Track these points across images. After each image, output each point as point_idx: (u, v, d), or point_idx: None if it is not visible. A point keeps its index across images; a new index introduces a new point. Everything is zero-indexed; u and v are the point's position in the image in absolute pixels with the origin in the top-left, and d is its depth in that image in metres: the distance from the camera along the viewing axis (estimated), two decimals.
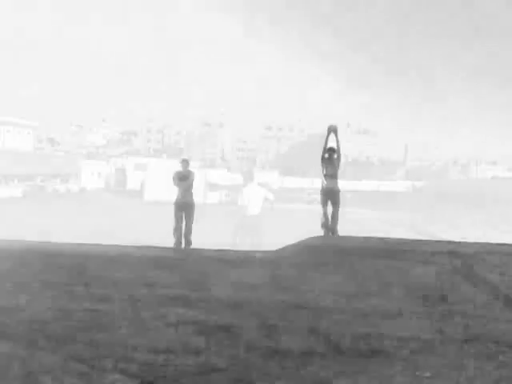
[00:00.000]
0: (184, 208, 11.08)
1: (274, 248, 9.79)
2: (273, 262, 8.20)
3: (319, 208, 11.13)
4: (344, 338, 4.49)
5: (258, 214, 42.57)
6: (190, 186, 11.32)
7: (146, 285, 6.33)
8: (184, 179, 11.21)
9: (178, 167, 11.44)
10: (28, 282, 6.35)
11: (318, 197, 11.26)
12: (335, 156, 11.00)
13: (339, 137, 11.11)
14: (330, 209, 11.03)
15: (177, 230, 11.02)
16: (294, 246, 9.43)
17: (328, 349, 4.28)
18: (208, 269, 7.57)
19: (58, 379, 3.54)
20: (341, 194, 11.07)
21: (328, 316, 5.14)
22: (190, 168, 11.75)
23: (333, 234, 10.71)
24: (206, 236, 16.55)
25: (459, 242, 9.39)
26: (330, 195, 10.92)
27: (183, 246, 10.92)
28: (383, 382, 3.65)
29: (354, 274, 7.08)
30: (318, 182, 11.81)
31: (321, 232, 10.85)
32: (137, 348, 4.16)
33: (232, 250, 9.62)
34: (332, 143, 11.05)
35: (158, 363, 3.90)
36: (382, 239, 9.68)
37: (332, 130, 10.97)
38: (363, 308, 5.41)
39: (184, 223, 11.07)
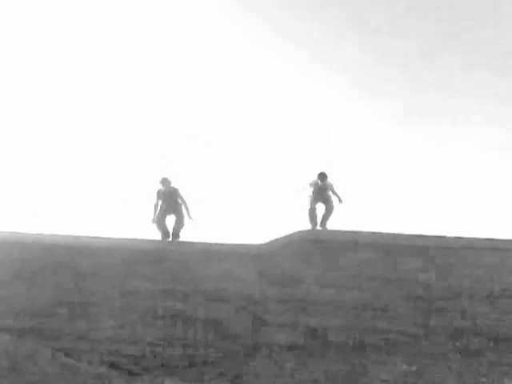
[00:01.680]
0: (170, 199, 10.26)
1: (262, 241, 9.82)
2: (261, 255, 8.22)
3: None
4: (330, 332, 4.53)
5: None
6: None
7: (134, 278, 6.32)
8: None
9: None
10: (21, 273, 6.34)
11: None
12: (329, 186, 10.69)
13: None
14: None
15: (160, 222, 10.25)
16: (281, 239, 9.46)
17: (314, 342, 4.32)
18: (196, 262, 7.57)
19: (45, 372, 3.54)
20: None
21: (315, 309, 5.18)
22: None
23: (321, 227, 10.68)
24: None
25: (447, 237, 9.48)
26: (322, 193, 10.57)
27: (170, 238, 10.59)
28: (369, 376, 3.69)
29: (341, 268, 7.12)
30: None
31: (308, 226, 10.79)
32: (124, 340, 4.16)
33: (220, 243, 9.59)
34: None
35: (146, 355, 3.91)
36: (372, 233, 9.71)
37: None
38: (349, 301, 5.45)
39: (174, 218, 10.39)
